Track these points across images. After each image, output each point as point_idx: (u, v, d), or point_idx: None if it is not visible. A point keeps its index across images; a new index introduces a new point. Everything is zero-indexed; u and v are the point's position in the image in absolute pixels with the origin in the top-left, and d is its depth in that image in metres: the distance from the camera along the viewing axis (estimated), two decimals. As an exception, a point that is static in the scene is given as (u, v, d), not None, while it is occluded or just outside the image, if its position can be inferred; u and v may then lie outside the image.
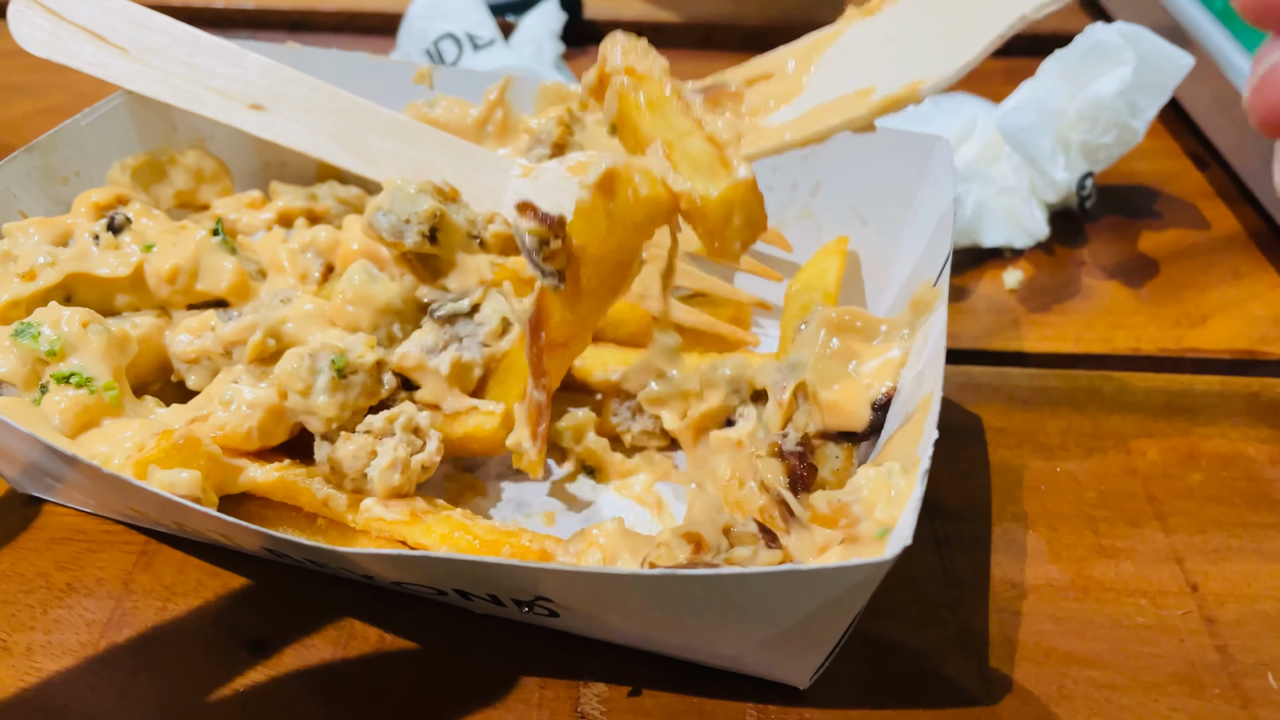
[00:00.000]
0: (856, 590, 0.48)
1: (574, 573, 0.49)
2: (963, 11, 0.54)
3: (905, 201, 0.79)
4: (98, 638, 0.62)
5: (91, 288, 0.70)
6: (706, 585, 0.47)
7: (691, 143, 0.56)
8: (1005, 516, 0.71)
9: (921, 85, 0.53)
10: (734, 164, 0.55)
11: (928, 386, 0.57)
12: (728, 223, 0.55)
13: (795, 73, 0.60)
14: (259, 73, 0.81)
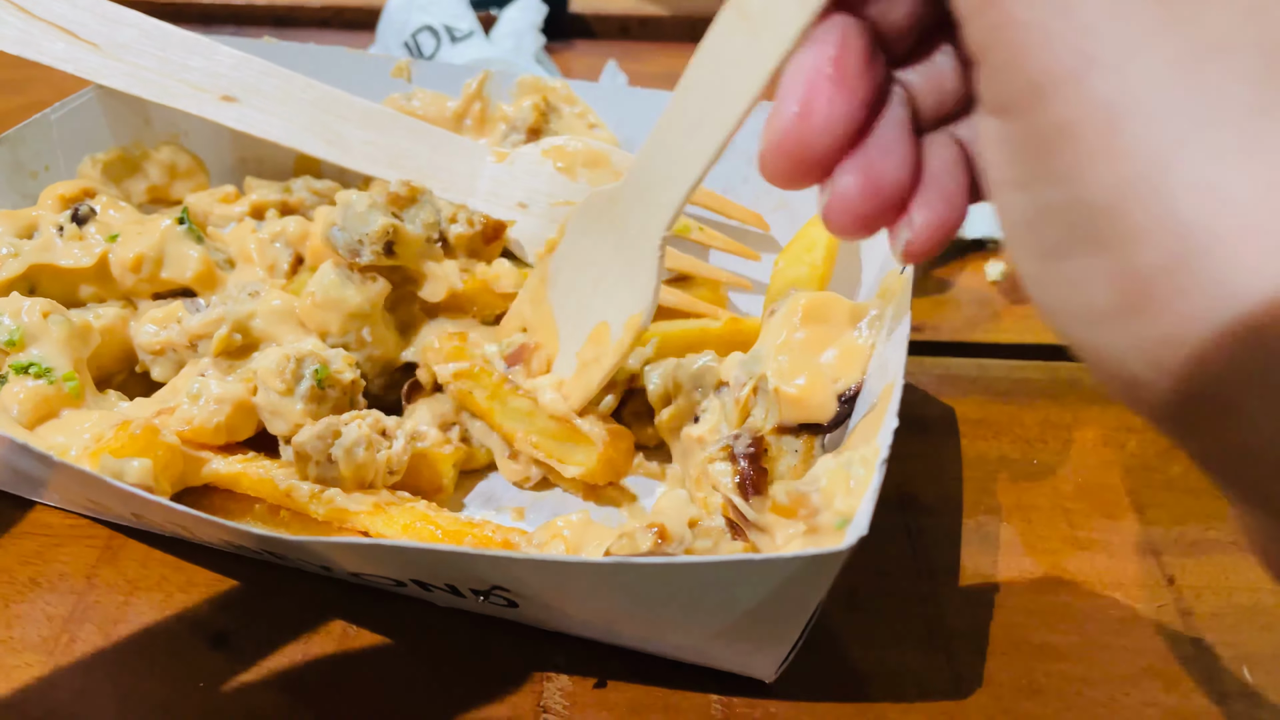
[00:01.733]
0: (814, 580, 0.47)
1: (527, 560, 0.48)
2: (617, 244, 0.63)
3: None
4: (59, 632, 0.62)
5: (55, 279, 0.70)
6: (659, 574, 0.47)
7: (539, 422, 0.68)
8: (980, 509, 0.70)
9: (641, 319, 0.63)
10: (588, 431, 0.67)
11: (890, 375, 0.56)
12: (615, 470, 0.68)
13: (535, 323, 0.71)
14: (231, 65, 0.81)
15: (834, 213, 0.43)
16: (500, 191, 0.80)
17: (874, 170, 0.42)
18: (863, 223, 0.43)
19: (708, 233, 0.81)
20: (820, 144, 0.41)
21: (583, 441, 0.67)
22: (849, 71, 0.40)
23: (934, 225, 0.43)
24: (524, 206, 0.80)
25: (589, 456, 0.67)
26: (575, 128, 0.86)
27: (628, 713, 0.58)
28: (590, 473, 0.67)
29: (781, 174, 0.43)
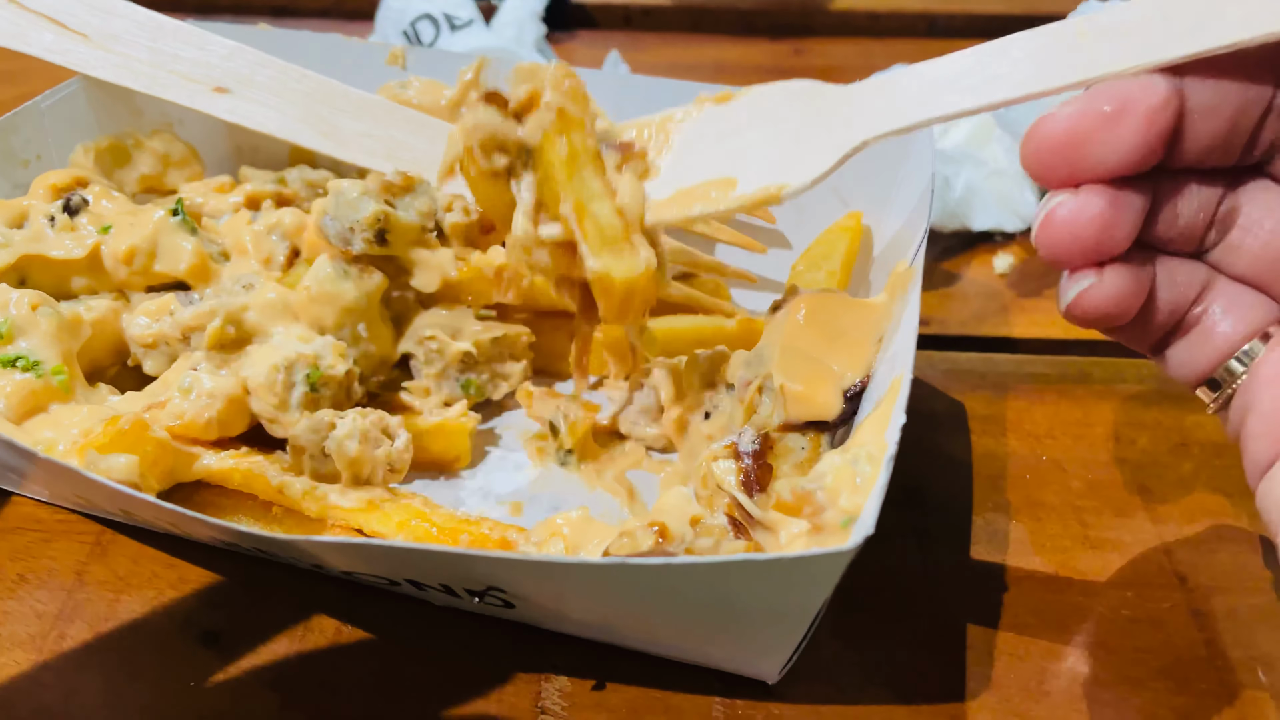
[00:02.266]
0: (818, 580, 0.46)
1: (525, 561, 0.47)
2: (812, 122, 0.57)
3: (886, 182, 0.76)
4: (48, 630, 0.61)
5: (46, 270, 0.69)
6: (659, 574, 0.45)
7: (601, 209, 0.58)
8: (988, 506, 0.69)
9: (784, 190, 0.56)
10: (638, 246, 0.58)
11: (898, 370, 0.54)
12: (628, 303, 0.59)
13: (653, 147, 0.63)
14: (224, 56, 0.80)
15: (1053, 232, 0.46)
16: (499, 182, 0.79)
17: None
18: (1070, 253, 0.47)
19: (713, 225, 0.79)
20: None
21: (624, 251, 0.58)
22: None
23: (1119, 293, 0.47)
24: (523, 197, 0.78)
25: (618, 264, 0.58)
26: (576, 118, 0.84)
27: (627, 714, 0.57)
28: (607, 281, 0.57)
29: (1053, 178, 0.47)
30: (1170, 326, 0.51)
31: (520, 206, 0.60)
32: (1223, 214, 0.49)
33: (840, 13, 1.33)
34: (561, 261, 0.60)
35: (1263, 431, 0.47)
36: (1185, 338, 0.51)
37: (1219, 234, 0.50)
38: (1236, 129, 0.46)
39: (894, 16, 1.32)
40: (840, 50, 1.29)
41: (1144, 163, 0.45)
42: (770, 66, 1.25)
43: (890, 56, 1.20)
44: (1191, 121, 0.45)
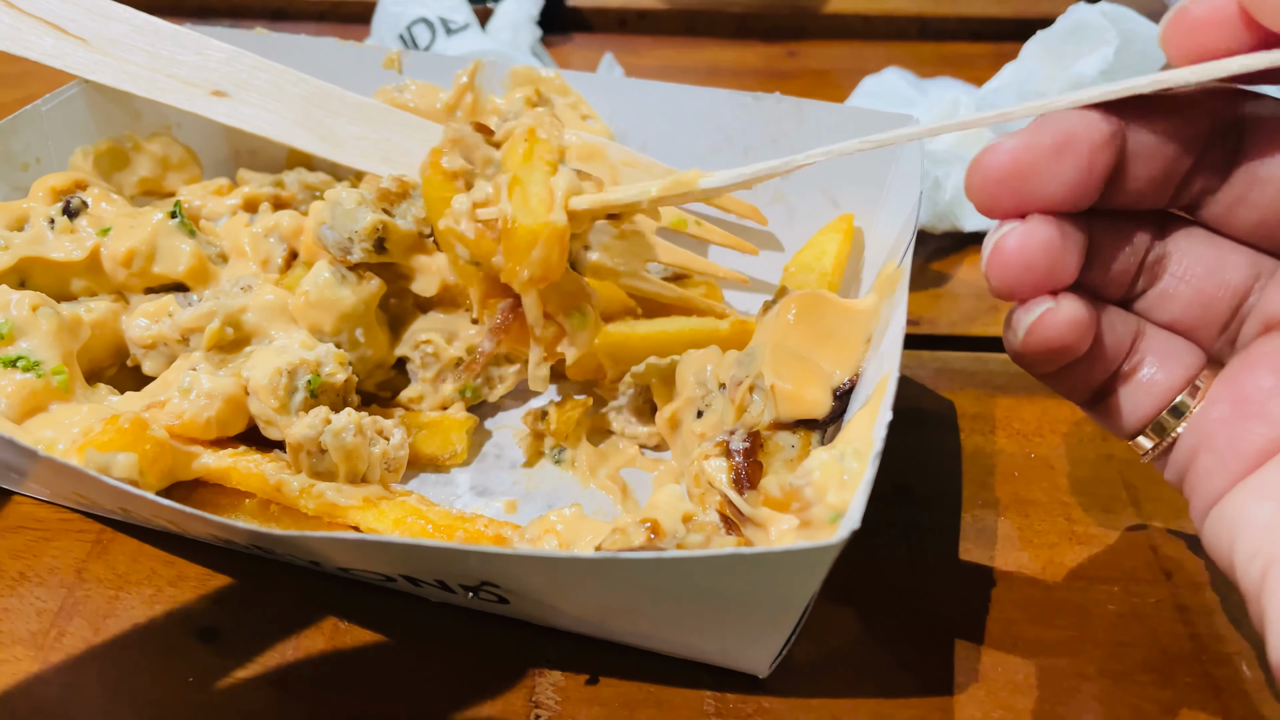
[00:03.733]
0: (806, 575, 0.47)
1: (518, 556, 0.48)
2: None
3: (877, 183, 0.77)
4: (48, 627, 0.61)
5: (46, 272, 0.70)
6: (649, 569, 0.46)
7: (534, 189, 0.59)
8: (976, 503, 0.70)
9: (702, 179, 0.58)
10: (555, 210, 0.59)
11: (885, 368, 0.55)
12: (526, 252, 0.58)
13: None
14: (222, 60, 0.80)
15: (1003, 260, 0.47)
16: (494, 185, 0.80)
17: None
18: (1022, 282, 0.47)
19: (705, 227, 0.80)
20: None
21: (543, 212, 0.58)
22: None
23: (1077, 318, 0.47)
24: (518, 200, 0.79)
25: (527, 214, 0.58)
26: (568, 119, 0.85)
27: (620, 708, 0.57)
28: (512, 229, 0.58)
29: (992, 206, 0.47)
30: (1108, 375, 0.52)
31: (469, 194, 0.62)
32: (1152, 260, 0.50)
33: (833, 15, 1.34)
34: (484, 243, 0.60)
35: (1216, 468, 0.48)
36: (1122, 388, 0.52)
37: (1148, 281, 0.51)
38: (1172, 171, 0.47)
39: (886, 19, 1.33)
40: (833, 53, 1.30)
41: (1084, 198, 0.46)
42: (764, 69, 1.26)
43: (883, 59, 1.21)
44: (1131, 160, 0.46)
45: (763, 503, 0.52)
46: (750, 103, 0.81)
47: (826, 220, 0.81)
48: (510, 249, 0.58)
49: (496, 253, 0.60)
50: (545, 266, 0.58)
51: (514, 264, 0.58)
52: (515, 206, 0.58)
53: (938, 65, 1.22)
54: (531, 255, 0.58)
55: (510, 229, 0.58)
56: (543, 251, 0.58)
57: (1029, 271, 0.47)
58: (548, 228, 0.57)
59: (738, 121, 0.82)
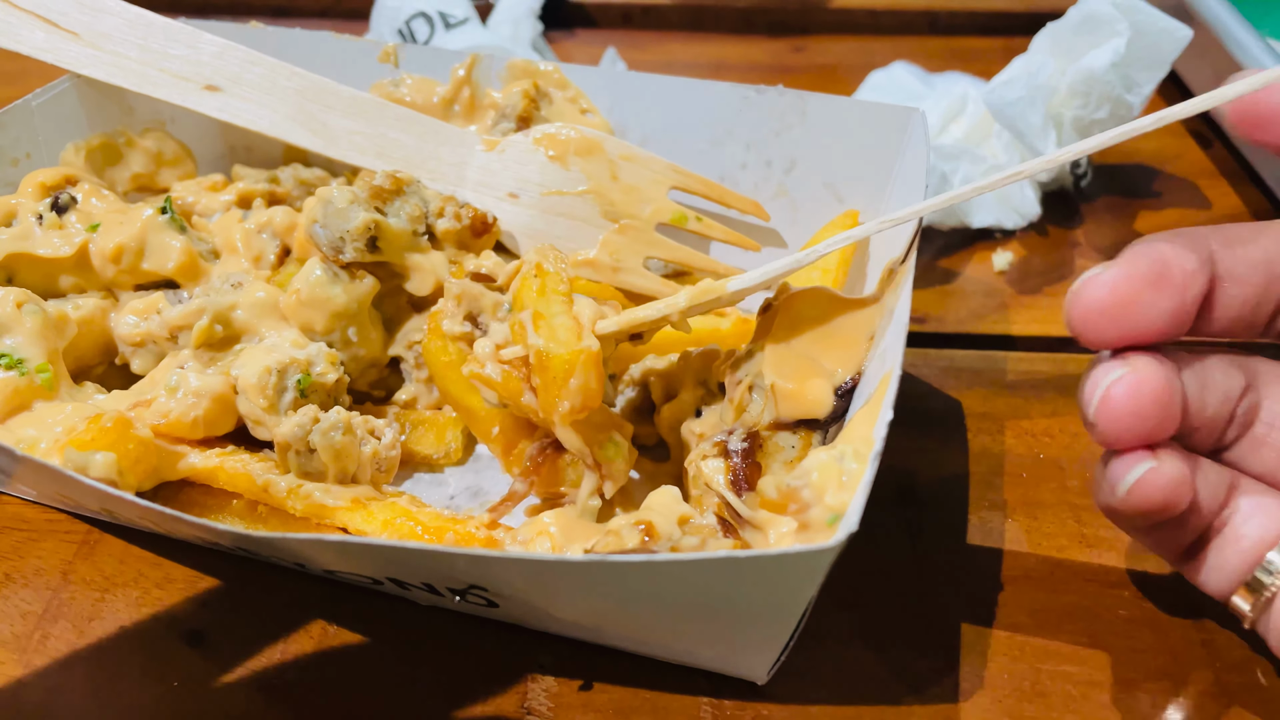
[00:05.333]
0: (804, 578, 0.45)
1: (507, 559, 0.46)
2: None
3: (882, 178, 0.76)
4: (32, 629, 0.60)
5: (34, 269, 0.68)
6: (641, 572, 0.45)
7: (558, 320, 0.59)
8: (983, 505, 0.68)
9: (730, 281, 0.59)
10: (585, 336, 0.59)
11: (888, 366, 0.54)
12: (564, 382, 0.57)
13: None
14: (214, 54, 0.79)
15: (1114, 411, 0.46)
16: (490, 181, 0.78)
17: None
18: (1131, 432, 0.46)
19: (706, 223, 0.78)
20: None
21: (574, 340, 0.58)
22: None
23: (1178, 477, 0.46)
24: (515, 197, 0.78)
25: (558, 344, 0.57)
26: (567, 113, 0.84)
27: (614, 715, 0.56)
28: (545, 357, 0.57)
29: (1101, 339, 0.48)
30: (1201, 529, 0.50)
31: (489, 338, 0.63)
32: (1244, 408, 0.49)
33: (840, 10, 1.32)
34: (511, 383, 0.60)
35: None
36: (1214, 542, 0.50)
37: (1240, 429, 0.50)
38: (1264, 297, 0.47)
39: (895, 14, 1.31)
40: (841, 48, 1.28)
41: (1181, 326, 0.46)
42: (770, 64, 1.24)
43: (891, 54, 1.19)
44: (1222, 287, 0.46)
45: (760, 504, 0.51)
46: (753, 96, 0.80)
47: (830, 215, 0.79)
48: (547, 382, 0.58)
49: (524, 392, 0.60)
50: (585, 394, 0.58)
51: (552, 397, 0.58)
52: (544, 339, 0.58)
53: (947, 60, 1.20)
54: (570, 384, 0.57)
55: (544, 361, 0.57)
56: (581, 379, 0.57)
57: (1140, 421, 0.46)
58: (583, 353, 0.57)
59: (740, 115, 0.80)
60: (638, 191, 0.77)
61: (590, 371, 0.58)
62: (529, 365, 0.60)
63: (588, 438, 0.62)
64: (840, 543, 0.42)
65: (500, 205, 0.77)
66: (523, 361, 0.61)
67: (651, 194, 0.77)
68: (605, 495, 0.64)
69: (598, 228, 0.77)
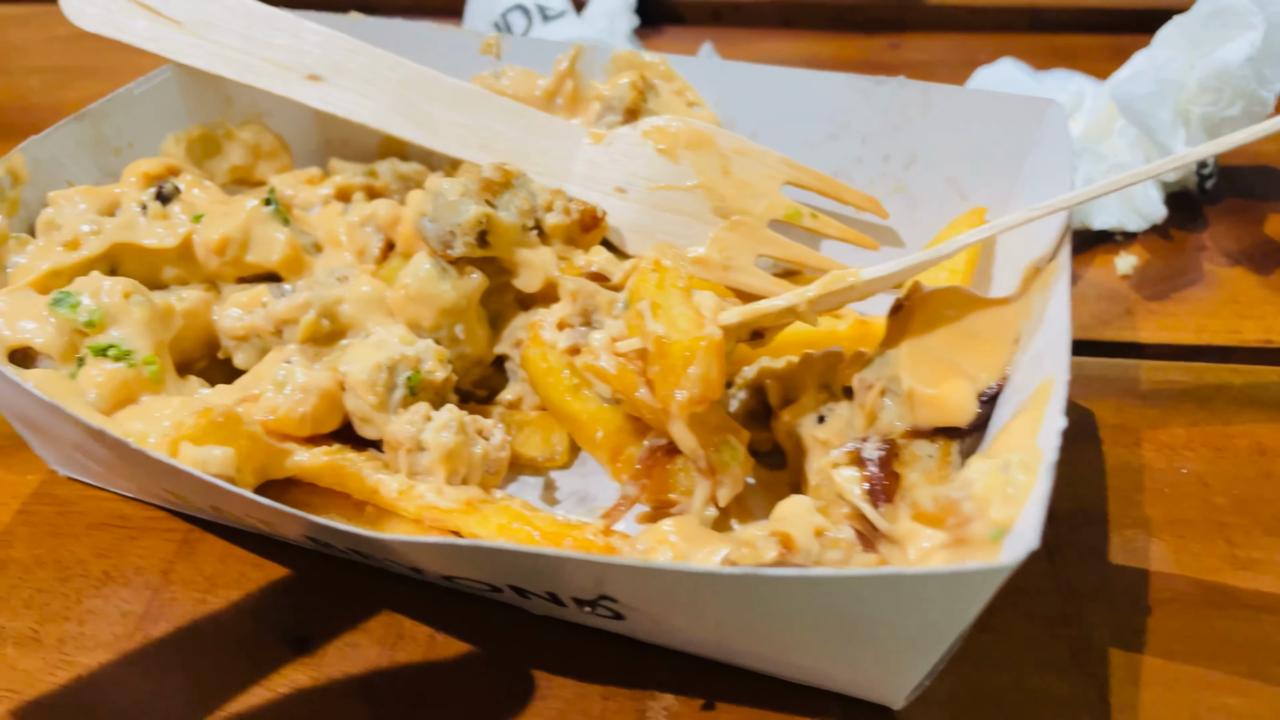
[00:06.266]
0: (968, 599, 0.42)
1: (645, 569, 0.43)
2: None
3: (1011, 173, 0.71)
4: (133, 630, 0.59)
5: (138, 259, 0.67)
6: (795, 588, 0.41)
7: (678, 309, 0.57)
8: (1125, 522, 0.64)
9: (862, 270, 0.57)
10: (706, 323, 0.57)
11: (1047, 371, 0.50)
12: (683, 369, 0.55)
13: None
14: (317, 43, 0.77)
15: None
16: (597, 175, 0.75)
17: None
18: None
19: (821, 219, 0.75)
20: None
21: (694, 327, 0.56)
22: None
23: None
24: (622, 191, 0.75)
25: (678, 331, 0.56)
26: (674, 106, 0.81)
27: (740, 737, 0.53)
28: (664, 344, 0.55)
29: None
30: None
31: (605, 332, 0.61)
32: None
33: (937, 6, 1.28)
34: (626, 376, 0.58)
35: None
36: None
37: None
38: None
39: (995, 10, 1.27)
40: (939, 44, 1.24)
41: None
42: (866, 61, 1.21)
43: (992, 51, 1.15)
44: None
45: (913, 517, 0.47)
46: (871, 87, 0.76)
47: (951, 213, 0.75)
48: (666, 369, 0.56)
49: (639, 386, 0.58)
50: (705, 384, 0.55)
51: (670, 385, 0.56)
52: (664, 325, 0.56)
53: (1050, 58, 1.15)
54: (689, 372, 0.55)
55: (664, 347, 0.55)
56: (701, 367, 0.55)
57: None
58: (705, 339, 0.55)
59: (856, 108, 0.77)
60: (750, 186, 0.74)
61: (712, 360, 0.55)
62: (645, 357, 0.57)
63: (703, 439, 0.59)
64: (1018, 560, 0.38)
65: (607, 200, 0.74)
66: (638, 354, 0.58)
67: (764, 189, 0.74)
68: (720, 503, 0.61)
69: (707, 224, 0.74)
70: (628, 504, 0.60)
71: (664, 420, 0.59)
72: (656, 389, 0.57)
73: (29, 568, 0.62)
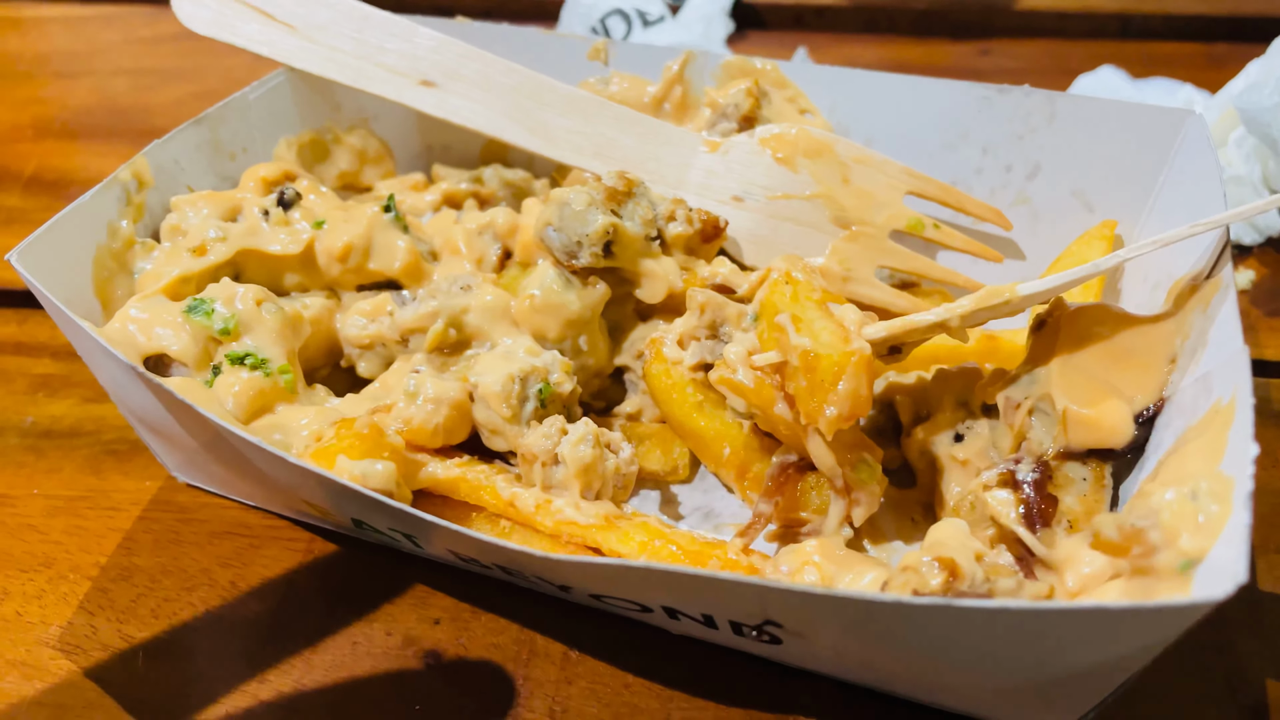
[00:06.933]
0: (1161, 634, 0.40)
1: (823, 596, 0.42)
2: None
3: (1143, 185, 0.70)
4: (264, 643, 0.58)
5: (261, 265, 0.66)
6: (981, 619, 0.40)
7: (820, 323, 0.55)
8: (1269, 548, 0.62)
9: (1020, 285, 0.56)
10: (853, 337, 0.54)
11: (1218, 392, 0.48)
12: (832, 385, 0.53)
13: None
14: (430, 48, 0.77)
15: None
16: (713, 184, 0.74)
17: None
18: None
19: (944, 230, 0.73)
20: None
21: (841, 341, 0.54)
22: None
23: None
24: (739, 200, 0.74)
25: (825, 344, 0.53)
26: (787, 113, 0.79)
27: (891, 765, 0.51)
28: (811, 357, 0.53)
29: None
30: None
31: (739, 345, 0.59)
32: None
33: (1026, 12, 1.26)
34: (764, 390, 0.57)
35: None
36: None
37: None
38: None
39: (1085, 16, 1.25)
40: (1030, 51, 1.22)
41: None
42: (956, 67, 1.19)
43: (1084, 58, 1.13)
44: None
45: (1093, 545, 0.46)
46: (994, 96, 0.74)
47: (1075, 225, 0.73)
48: (814, 384, 0.54)
49: (777, 400, 0.56)
50: (854, 400, 0.53)
51: (819, 401, 0.54)
52: (810, 339, 0.54)
53: (1144, 65, 1.13)
54: (839, 388, 0.53)
55: (812, 361, 0.53)
56: (851, 383, 0.53)
57: None
58: (855, 354, 0.53)
59: (978, 116, 0.75)
60: (871, 196, 0.73)
61: (862, 375, 0.53)
62: (784, 371, 0.56)
63: (839, 456, 0.58)
64: (1227, 594, 0.37)
65: (723, 209, 0.73)
66: (776, 368, 0.57)
67: (886, 199, 0.73)
68: (855, 523, 0.60)
69: (827, 234, 0.72)
70: (762, 522, 0.59)
71: (800, 436, 0.58)
72: (799, 404, 0.55)
73: (155, 576, 0.62)
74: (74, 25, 1.39)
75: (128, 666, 0.57)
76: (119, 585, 0.61)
